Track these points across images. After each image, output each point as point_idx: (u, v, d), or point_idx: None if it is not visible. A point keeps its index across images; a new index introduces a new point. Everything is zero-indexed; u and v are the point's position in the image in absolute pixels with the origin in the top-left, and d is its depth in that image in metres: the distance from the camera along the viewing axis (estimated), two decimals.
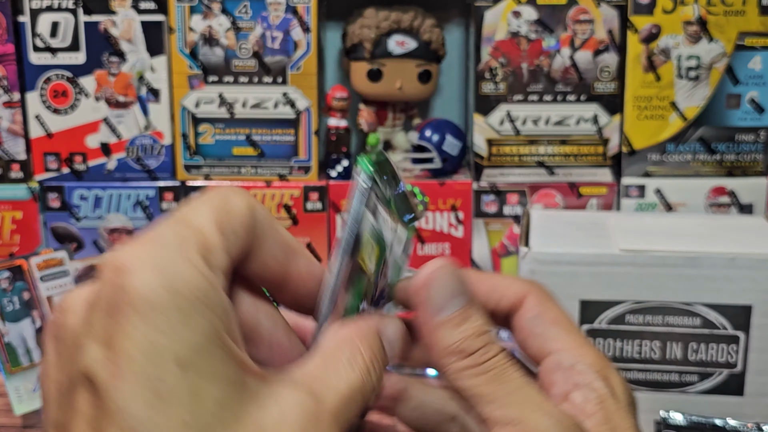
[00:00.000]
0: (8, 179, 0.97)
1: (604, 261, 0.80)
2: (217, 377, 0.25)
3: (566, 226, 0.87)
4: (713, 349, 0.81)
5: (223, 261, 0.27)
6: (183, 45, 0.95)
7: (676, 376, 0.83)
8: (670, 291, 0.80)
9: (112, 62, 0.95)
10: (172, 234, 0.27)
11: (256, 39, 0.95)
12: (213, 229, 0.27)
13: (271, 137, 0.97)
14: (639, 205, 0.97)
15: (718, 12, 0.93)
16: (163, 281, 0.25)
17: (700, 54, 0.94)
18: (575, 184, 0.98)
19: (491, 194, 0.98)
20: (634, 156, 0.97)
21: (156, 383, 0.24)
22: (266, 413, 0.26)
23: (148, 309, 0.25)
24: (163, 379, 0.24)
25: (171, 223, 0.27)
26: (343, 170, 0.98)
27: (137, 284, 0.25)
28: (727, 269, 0.79)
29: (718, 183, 0.97)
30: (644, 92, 0.95)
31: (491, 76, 0.96)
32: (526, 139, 0.97)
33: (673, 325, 0.81)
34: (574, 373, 0.34)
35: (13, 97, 0.95)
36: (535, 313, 0.36)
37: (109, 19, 0.94)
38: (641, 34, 0.94)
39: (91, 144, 0.97)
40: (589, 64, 0.95)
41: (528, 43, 0.95)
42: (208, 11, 0.94)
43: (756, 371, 0.81)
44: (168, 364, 0.24)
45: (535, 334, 0.35)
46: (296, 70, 0.95)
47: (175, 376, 0.24)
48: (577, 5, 0.94)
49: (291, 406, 0.27)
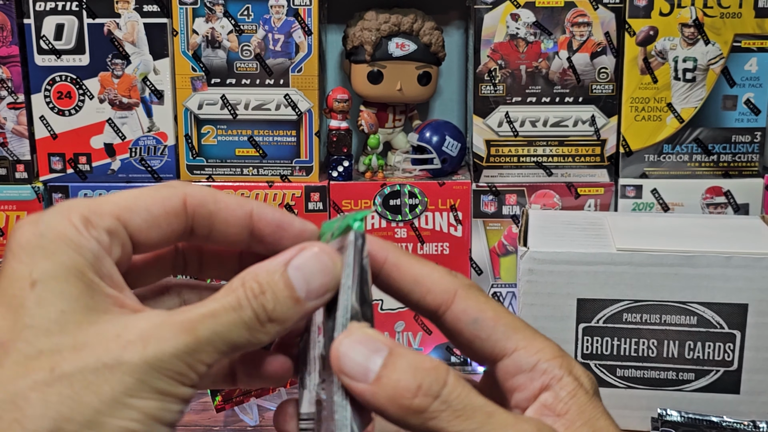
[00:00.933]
0: (13, 180, 0.97)
1: (601, 260, 0.80)
2: (65, 295, 0.31)
3: (564, 226, 0.88)
4: (709, 348, 0.82)
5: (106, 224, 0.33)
6: (186, 47, 0.96)
7: (672, 374, 0.83)
8: (667, 290, 0.80)
9: (116, 64, 0.95)
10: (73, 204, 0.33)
11: (258, 41, 0.95)
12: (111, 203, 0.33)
13: (273, 138, 0.98)
14: (636, 205, 0.98)
15: (714, 14, 0.94)
16: (36, 230, 0.31)
17: (696, 56, 0.94)
18: (573, 184, 0.98)
19: (490, 194, 0.98)
20: (631, 157, 0.97)
21: (10, 298, 0.31)
22: (114, 324, 0.31)
23: (18, 248, 0.31)
24: (15, 294, 0.31)
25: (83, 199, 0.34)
26: (344, 171, 0.99)
27: (18, 234, 0.32)
28: (723, 268, 0.79)
29: (714, 183, 0.97)
30: (641, 94, 0.96)
31: (490, 78, 0.96)
32: (525, 140, 0.98)
33: (669, 324, 0.81)
34: (538, 373, 0.34)
35: (18, 98, 0.96)
36: (474, 317, 0.34)
37: (113, 22, 0.95)
38: (638, 37, 0.94)
39: (95, 145, 0.97)
40: (587, 66, 0.96)
41: (526, 45, 0.95)
42: (210, 14, 0.95)
43: (752, 369, 0.81)
44: (20, 282, 0.31)
45: (481, 338, 0.34)
46: (298, 72, 0.96)
47: (24, 291, 0.31)
48: (575, 8, 0.94)
49: (139, 319, 0.31)
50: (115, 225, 0.33)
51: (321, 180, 0.99)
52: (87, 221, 0.32)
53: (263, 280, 0.32)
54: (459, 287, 0.35)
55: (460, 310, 0.34)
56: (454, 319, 0.35)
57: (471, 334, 0.34)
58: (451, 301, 0.34)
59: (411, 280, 0.35)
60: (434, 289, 0.35)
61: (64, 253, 0.31)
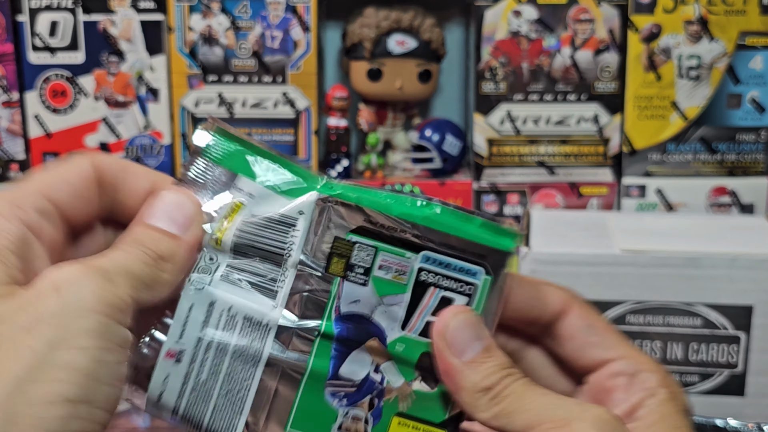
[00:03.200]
0: (7, 179, 0.97)
1: (604, 261, 0.80)
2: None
3: (567, 226, 0.87)
4: (714, 350, 0.81)
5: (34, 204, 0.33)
6: (182, 44, 0.95)
7: (677, 376, 0.83)
8: (671, 291, 0.80)
9: (112, 62, 0.95)
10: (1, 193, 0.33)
11: (255, 38, 0.95)
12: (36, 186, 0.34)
13: (271, 137, 0.97)
14: (640, 205, 0.97)
15: (719, 11, 0.93)
16: None
17: (701, 53, 0.94)
18: (576, 184, 0.97)
19: (491, 194, 0.98)
20: (635, 156, 0.97)
21: None
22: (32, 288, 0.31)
23: None
24: None
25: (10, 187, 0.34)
26: (343, 170, 0.98)
27: None
28: (727, 269, 0.79)
29: (719, 183, 0.96)
30: (645, 92, 0.95)
31: (491, 76, 0.96)
32: (527, 138, 0.97)
33: (673, 326, 0.81)
34: (638, 381, 0.36)
35: (12, 96, 0.95)
36: (587, 323, 0.37)
37: (108, 19, 0.94)
38: (642, 34, 0.94)
39: (90, 144, 0.96)
40: (590, 64, 0.95)
41: (528, 42, 0.95)
42: (207, 10, 0.94)
43: (757, 371, 0.81)
44: None
45: (591, 342, 0.37)
46: (296, 70, 0.95)
47: None
48: (578, 4, 0.94)
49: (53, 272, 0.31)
50: (42, 203, 0.33)
51: None
52: (13, 205, 0.33)
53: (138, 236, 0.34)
54: (575, 297, 0.38)
55: (576, 316, 0.37)
56: (569, 326, 0.37)
57: (583, 339, 0.37)
58: (569, 309, 0.37)
59: (528, 298, 0.37)
60: (552, 302, 0.37)
61: None
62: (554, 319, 0.37)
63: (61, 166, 0.35)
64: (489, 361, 0.33)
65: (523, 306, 0.37)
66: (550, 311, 0.37)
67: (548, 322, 0.37)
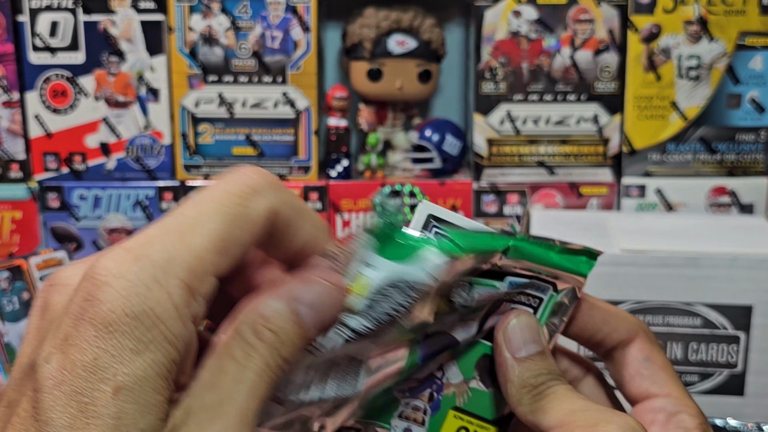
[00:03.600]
0: (7, 179, 0.96)
1: (604, 261, 0.79)
2: (147, 409, 0.25)
3: (567, 226, 0.87)
4: (714, 350, 0.81)
5: (208, 288, 0.27)
6: (182, 44, 0.95)
7: None
8: (671, 291, 0.80)
9: (112, 62, 0.94)
10: (162, 249, 0.26)
11: (255, 38, 0.94)
12: (210, 248, 0.27)
13: (271, 137, 0.97)
14: (639, 205, 0.97)
15: (718, 11, 0.93)
16: (128, 305, 0.25)
17: (700, 53, 0.94)
18: (575, 183, 0.97)
19: (491, 194, 0.97)
20: (635, 156, 0.96)
21: (85, 401, 0.24)
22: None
23: (105, 329, 0.25)
24: (94, 398, 0.24)
25: (169, 231, 0.27)
26: (343, 170, 0.98)
27: (104, 301, 0.25)
28: (727, 269, 0.79)
29: (719, 183, 0.96)
30: (645, 92, 0.95)
31: (491, 76, 0.96)
32: (527, 138, 0.97)
33: (673, 325, 0.81)
34: (677, 421, 0.36)
35: (12, 96, 0.95)
36: (646, 355, 0.38)
37: (108, 19, 0.94)
38: (642, 34, 0.94)
39: (90, 144, 0.96)
40: (590, 64, 0.95)
41: (528, 42, 0.95)
42: (207, 11, 0.94)
43: (756, 371, 0.81)
44: (103, 385, 0.24)
45: (643, 374, 0.38)
46: (296, 70, 0.95)
47: (105, 398, 0.24)
48: (578, 5, 0.94)
49: None
50: (214, 284, 0.27)
51: (320, 179, 0.98)
52: (189, 291, 0.26)
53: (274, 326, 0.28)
54: (642, 329, 0.38)
55: (637, 347, 0.38)
56: (628, 354, 0.38)
57: (637, 370, 0.38)
58: (633, 339, 0.38)
59: (598, 321, 0.38)
60: (620, 329, 0.38)
61: (159, 347, 0.25)
62: (617, 345, 0.38)
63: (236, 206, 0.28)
64: (541, 363, 0.35)
65: (591, 327, 0.38)
66: (615, 338, 0.38)
67: (611, 348, 0.38)
